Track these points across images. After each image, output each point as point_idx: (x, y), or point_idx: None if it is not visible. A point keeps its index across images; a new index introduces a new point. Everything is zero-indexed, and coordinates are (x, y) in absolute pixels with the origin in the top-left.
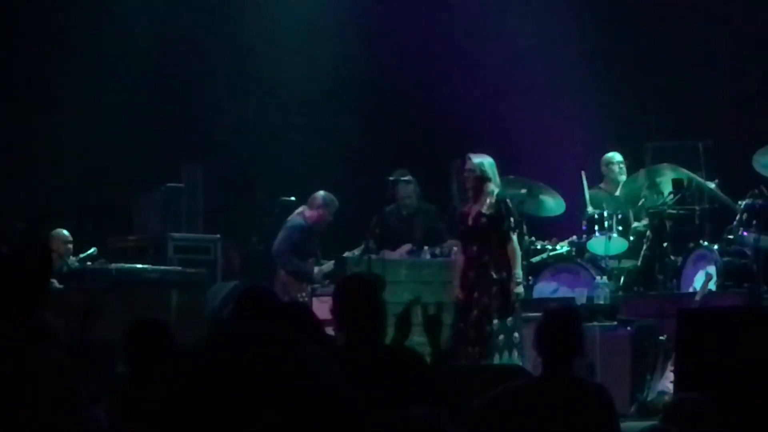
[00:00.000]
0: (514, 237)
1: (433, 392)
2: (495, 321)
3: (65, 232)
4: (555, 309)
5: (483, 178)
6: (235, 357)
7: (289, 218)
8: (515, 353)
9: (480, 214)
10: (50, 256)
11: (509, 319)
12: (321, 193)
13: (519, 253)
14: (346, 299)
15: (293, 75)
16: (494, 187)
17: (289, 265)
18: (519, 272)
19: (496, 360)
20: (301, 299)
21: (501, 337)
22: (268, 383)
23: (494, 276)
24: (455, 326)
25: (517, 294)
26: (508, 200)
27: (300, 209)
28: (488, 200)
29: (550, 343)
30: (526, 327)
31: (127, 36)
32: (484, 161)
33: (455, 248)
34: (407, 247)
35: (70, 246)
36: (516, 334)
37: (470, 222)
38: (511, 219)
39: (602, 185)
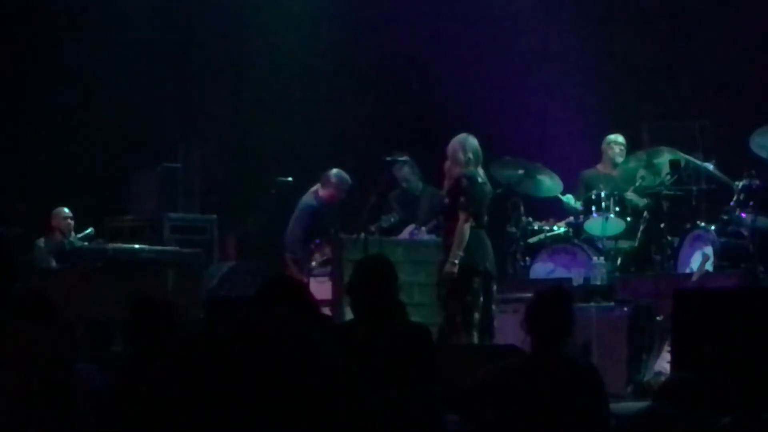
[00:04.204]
0: (462, 217)
1: (431, 369)
2: (451, 300)
3: (66, 209)
4: (545, 290)
5: (449, 158)
6: (242, 344)
7: (302, 198)
8: (474, 334)
9: (442, 196)
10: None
11: (467, 299)
12: (333, 171)
13: (465, 235)
14: (362, 279)
15: (293, 55)
16: (453, 166)
17: (296, 253)
18: (458, 252)
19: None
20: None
21: (458, 317)
22: (275, 371)
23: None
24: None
25: (446, 272)
26: (466, 180)
27: (314, 188)
28: (449, 180)
29: (539, 323)
30: (509, 309)
31: (126, 15)
32: (452, 141)
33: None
34: (410, 228)
35: (71, 222)
36: (476, 315)
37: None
38: (461, 198)
39: (599, 166)
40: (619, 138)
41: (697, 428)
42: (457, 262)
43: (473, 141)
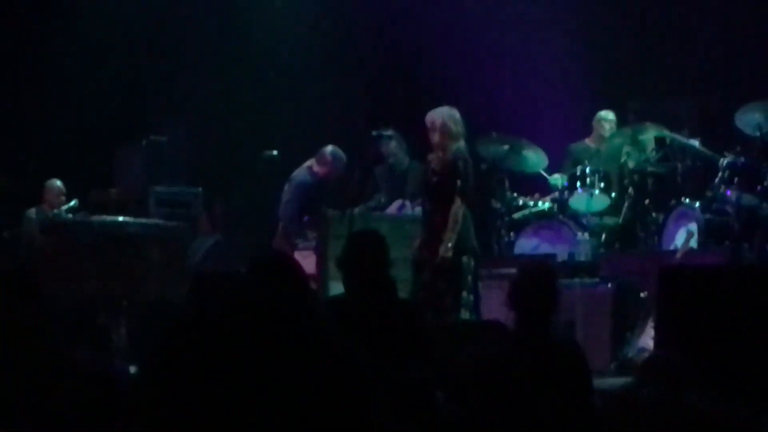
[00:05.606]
0: (457, 201)
1: (424, 348)
2: (440, 282)
3: (59, 183)
4: (530, 266)
5: (431, 131)
6: (241, 323)
7: (296, 173)
8: (466, 313)
9: (433, 171)
10: None
11: (455, 279)
12: (329, 148)
13: (459, 218)
14: (354, 254)
15: (279, 30)
16: (445, 140)
17: (290, 227)
18: (452, 236)
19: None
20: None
21: (446, 299)
22: (277, 350)
23: (442, 236)
24: (412, 283)
25: (442, 257)
26: (462, 162)
27: (308, 163)
28: (440, 155)
29: (524, 300)
30: (494, 285)
31: None
32: (434, 114)
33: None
34: (398, 203)
35: (63, 198)
36: (465, 294)
37: (428, 177)
38: (457, 183)
39: (588, 140)
40: (610, 115)
41: (679, 405)
42: (451, 245)
43: (457, 113)
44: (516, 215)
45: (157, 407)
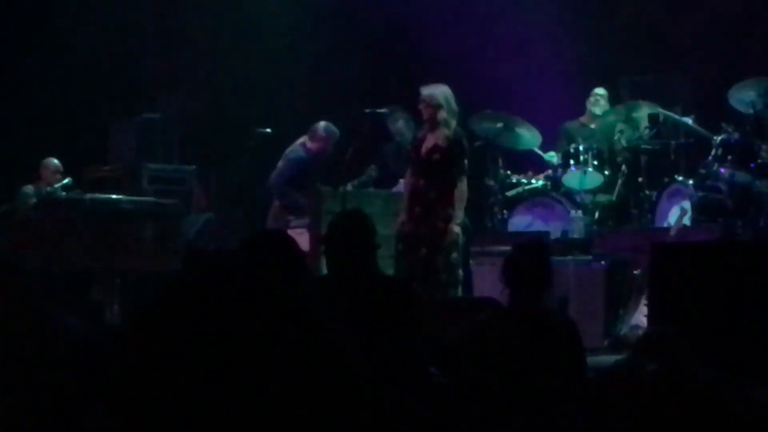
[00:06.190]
0: (464, 180)
1: (416, 324)
2: (439, 258)
3: (55, 161)
4: (523, 242)
5: (435, 107)
6: (221, 296)
7: (290, 149)
8: (459, 290)
9: (434, 148)
10: None
11: (453, 256)
12: (322, 124)
13: (465, 197)
14: (335, 236)
15: (273, 5)
16: (449, 117)
17: (284, 197)
18: (460, 213)
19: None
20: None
21: (443, 275)
22: (257, 324)
23: (440, 213)
24: (400, 259)
25: (455, 234)
26: (464, 140)
27: (301, 140)
28: (443, 132)
29: (517, 276)
30: (487, 262)
31: None
32: (435, 91)
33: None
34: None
35: (59, 176)
36: (460, 272)
37: (423, 153)
38: (465, 161)
39: (582, 118)
40: (601, 91)
41: (672, 381)
42: (459, 222)
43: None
44: (509, 193)
45: (142, 373)
